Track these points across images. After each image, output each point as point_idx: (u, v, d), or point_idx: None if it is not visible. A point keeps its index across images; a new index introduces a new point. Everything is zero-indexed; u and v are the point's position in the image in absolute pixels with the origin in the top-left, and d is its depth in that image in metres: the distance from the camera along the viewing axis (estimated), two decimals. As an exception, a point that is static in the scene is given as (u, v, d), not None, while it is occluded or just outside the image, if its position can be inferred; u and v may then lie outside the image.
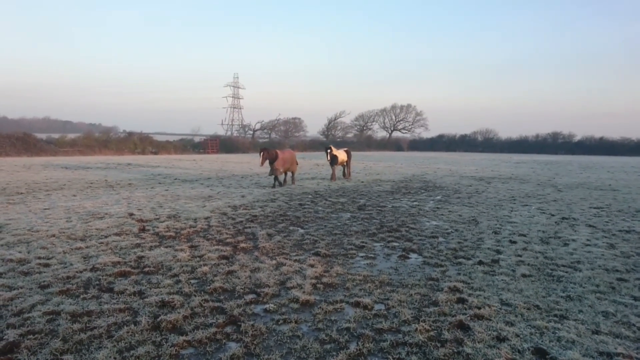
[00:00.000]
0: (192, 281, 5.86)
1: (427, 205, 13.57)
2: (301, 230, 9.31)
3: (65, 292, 5.26)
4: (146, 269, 6.27)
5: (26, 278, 5.76)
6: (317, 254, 7.42)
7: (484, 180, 22.60)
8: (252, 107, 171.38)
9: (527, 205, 13.91)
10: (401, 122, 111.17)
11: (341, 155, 21.29)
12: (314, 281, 5.94)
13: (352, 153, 23.87)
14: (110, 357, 3.75)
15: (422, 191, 17.48)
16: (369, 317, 4.80)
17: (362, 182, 20.77)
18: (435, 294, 5.57)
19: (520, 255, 7.55)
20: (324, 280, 6.01)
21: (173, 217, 10.39)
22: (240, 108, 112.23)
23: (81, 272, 6.07)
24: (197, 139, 72.19)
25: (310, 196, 15.00)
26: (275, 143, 79.53)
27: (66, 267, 6.31)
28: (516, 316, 4.88)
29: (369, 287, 5.81)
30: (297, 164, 19.03)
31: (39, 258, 6.69)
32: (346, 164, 21.99)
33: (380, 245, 8.19)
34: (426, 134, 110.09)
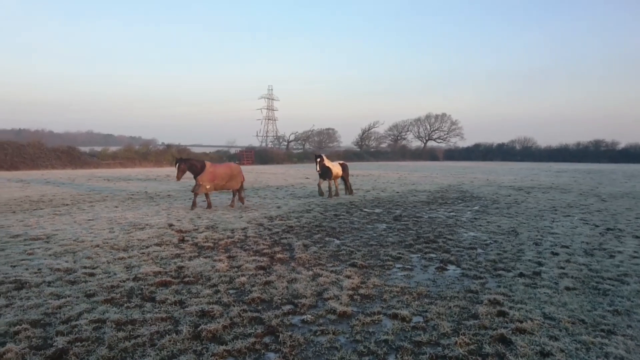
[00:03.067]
0: (231, 291, 5.94)
1: (465, 215, 13.34)
2: (337, 241, 9.32)
3: (109, 301, 5.43)
4: (186, 279, 6.40)
5: (73, 287, 5.98)
6: (353, 265, 7.40)
7: (523, 190, 22.05)
8: (286, 119, 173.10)
9: (569, 215, 13.48)
10: (436, 131, 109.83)
11: (335, 168, 18.53)
12: (350, 292, 5.93)
13: (383, 164, 23.56)
14: (153, 365, 3.85)
15: (459, 201, 17.20)
16: (407, 330, 4.75)
17: (398, 192, 20.61)
18: (475, 306, 5.46)
19: (563, 268, 7.32)
20: (361, 291, 5.99)
21: (211, 228, 10.58)
22: (274, 119, 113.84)
23: (124, 281, 6.26)
24: (232, 151, 73.37)
25: (345, 207, 14.99)
26: (309, 153, 79.95)
27: (110, 276, 6.51)
28: (560, 330, 4.73)
29: (407, 299, 5.75)
30: (242, 180, 15.41)
31: (85, 268, 6.93)
32: (344, 179, 19.48)
33: (417, 257, 8.11)
34: (462, 143, 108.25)
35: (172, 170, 40.19)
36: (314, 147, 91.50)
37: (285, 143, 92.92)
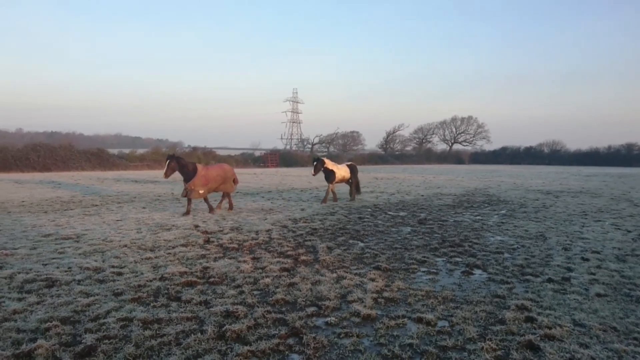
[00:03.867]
0: (255, 292, 5.97)
1: (491, 219, 13.13)
2: (361, 244, 9.28)
3: (136, 300, 5.52)
4: (211, 280, 6.46)
5: (101, 285, 6.10)
6: (377, 268, 7.36)
7: (551, 194, 21.58)
8: (310, 121, 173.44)
9: (599, 220, 13.13)
10: (462, 134, 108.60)
11: (341, 170, 17.23)
12: (375, 295, 5.89)
13: (408, 167, 23.10)
14: (178, 363, 3.89)
15: (486, 205, 16.94)
16: (432, 334, 4.69)
17: (422, 195, 20.42)
18: (502, 311, 5.36)
19: (593, 274, 7.13)
20: (385, 294, 5.95)
21: (236, 230, 10.67)
22: (299, 122, 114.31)
23: (151, 281, 6.36)
24: (257, 153, 73.94)
25: (369, 209, 14.93)
26: (334, 156, 79.94)
27: (137, 276, 6.62)
28: (591, 338, 4.60)
29: (432, 302, 5.68)
30: (235, 183, 14.67)
31: (113, 267, 7.07)
32: (351, 182, 17.99)
33: (443, 261, 8.01)
34: (488, 147, 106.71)
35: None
36: (338, 150, 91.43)
37: (310, 146, 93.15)
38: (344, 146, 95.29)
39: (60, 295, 5.64)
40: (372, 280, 6.62)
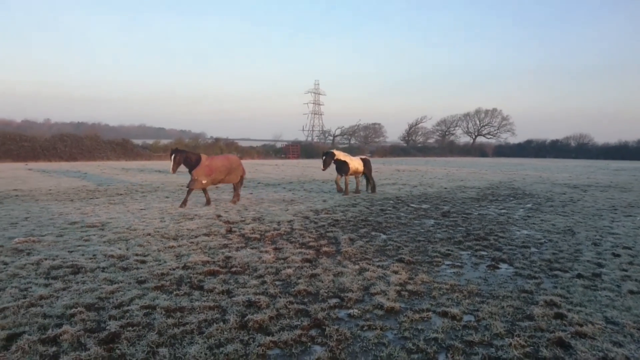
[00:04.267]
0: (277, 282, 5.94)
1: (517, 213, 12.86)
2: (383, 236, 9.18)
3: (160, 288, 5.54)
4: (233, 269, 6.46)
5: (125, 273, 6.15)
6: (400, 260, 7.25)
7: (579, 188, 21.06)
8: (332, 113, 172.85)
9: (630, 215, 12.73)
10: (486, 127, 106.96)
11: (354, 162, 16.76)
12: (398, 288, 5.79)
13: (431, 159, 22.75)
14: (201, 353, 3.87)
15: (511, 198, 16.62)
16: (457, 328, 4.58)
17: (445, 188, 20.15)
18: (530, 307, 5.20)
19: (625, 270, 6.89)
20: (409, 287, 5.85)
21: (258, 220, 10.67)
22: (320, 114, 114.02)
23: (174, 269, 6.38)
24: (278, 145, 74.16)
25: (391, 202, 14.79)
26: (355, 148, 79.65)
27: (160, 264, 6.66)
28: (625, 336, 4.43)
29: (457, 296, 5.56)
30: (242, 174, 14.21)
31: (136, 255, 7.12)
32: (366, 176, 17.68)
33: (467, 254, 7.85)
34: (513, 140, 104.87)
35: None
36: (359, 142, 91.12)
37: (331, 137, 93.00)
38: (366, 138, 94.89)
39: (85, 282, 5.70)
40: (395, 272, 6.52)
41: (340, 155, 16.36)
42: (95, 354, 3.78)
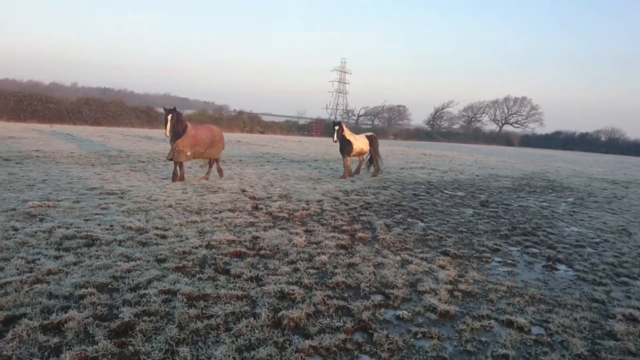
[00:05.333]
0: (311, 271, 5.28)
1: (560, 207, 11.96)
2: (421, 224, 8.44)
3: (181, 269, 4.93)
4: (262, 252, 5.81)
5: (144, 249, 5.55)
6: (445, 253, 6.52)
7: (619, 185, 19.89)
8: (357, 93, 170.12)
9: (685, 217, 11.72)
10: (514, 115, 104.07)
11: (358, 142, 14.67)
12: (449, 287, 5.08)
13: (456, 145, 21.38)
14: (229, 356, 3.24)
15: (549, 191, 15.65)
16: (528, 344, 3.87)
17: (477, 176, 19.21)
18: (608, 322, 4.46)
19: (703, 282, 6.05)
20: (461, 286, 5.13)
21: (285, 198, 10.02)
22: (345, 93, 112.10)
23: (197, 247, 5.77)
24: (302, 122, 73.26)
25: (423, 186, 13.99)
26: (378, 129, 78.40)
27: (182, 240, 6.05)
28: None
29: (518, 302, 4.84)
30: (222, 148, 12.59)
31: (157, 228, 6.53)
32: (371, 156, 15.68)
33: (518, 250, 7.08)
34: (540, 130, 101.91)
35: (243, 136, 40.47)
36: (383, 124, 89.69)
37: (355, 117, 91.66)
38: (389, 120, 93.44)
39: (99, 257, 5.12)
40: (442, 267, 5.80)
41: (347, 133, 14.36)
42: (103, 349, 3.17)
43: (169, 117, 10.48)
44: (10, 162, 12.61)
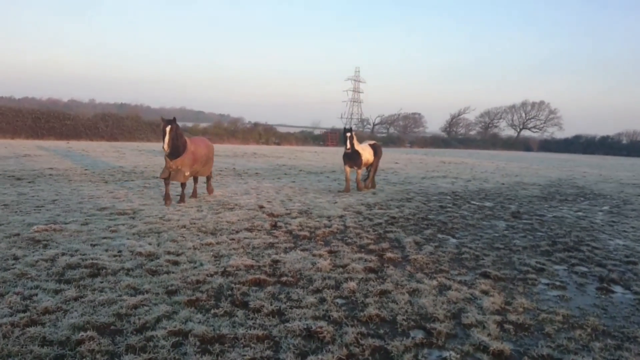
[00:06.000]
0: (339, 301, 4.70)
1: (597, 217, 11.19)
2: (453, 240, 7.81)
3: (194, 303, 4.39)
4: (283, 279, 5.25)
5: (153, 279, 5.02)
6: (485, 275, 5.88)
7: (653, 190, 18.93)
8: (371, 102, 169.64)
9: None
10: (532, 120, 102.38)
11: (365, 152, 13.38)
12: (497, 318, 4.45)
13: (474, 152, 20.56)
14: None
15: (581, 199, 14.84)
16: (606, 394, 3.23)
17: (503, 184, 18.44)
18: (693, 360, 3.78)
19: None
20: (511, 317, 4.50)
21: (305, 213, 9.47)
22: (360, 102, 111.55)
23: (212, 275, 5.23)
24: (317, 132, 72.85)
25: (449, 197, 13.32)
26: (394, 137, 77.71)
27: (196, 267, 5.52)
28: None
29: (579, 335, 4.18)
30: (212, 164, 11.45)
31: (169, 253, 6.02)
32: (371, 167, 14.11)
33: (564, 270, 6.40)
34: (560, 134, 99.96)
35: (258, 148, 40.11)
36: (398, 132, 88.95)
37: (370, 126, 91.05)
38: (405, 128, 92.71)
39: (103, 290, 4.61)
40: (486, 293, 5.17)
41: (356, 142, 13.08)
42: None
43: (168, 129, 9.27)
44: (22, 182, 12.30)
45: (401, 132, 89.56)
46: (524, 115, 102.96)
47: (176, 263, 5.63)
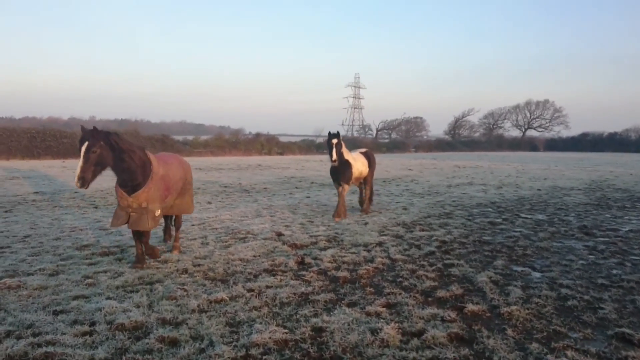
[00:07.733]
0: (440, 416, 2.87)
1: (678, 228, 9.34)
2: (537, 274, 5.97)
3: None
4: (338, 367, 3.42)
5: (138, 382, 3.20)
6: (624, 339, 4.04)
7: None
8: (372, 108, 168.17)
9: None
10: (537, 119, 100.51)
11: (358, 162, 10.45)
12: None
13: (481, 154, 18.79)
14: None
15: (637, 204, 12.99)
16: None
17: (539, 189, 16.58)
18: None
19: None
20: None
21: (334, 241, 7.65)
22: (360, 108, 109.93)
23: (228, 366, 3.41)
24: (318, 140, 71.14)
25: (490, 209, 11.49)
26: (398, 142, 75.95)
27: (203, 349, 3.69)
28: None
29: None
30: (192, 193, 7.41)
31: (163, 323, 4.19)
32: (366, 182, 11.05)
33: None
34: (566, 132, 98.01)
35: (262, 160, 38.25)
36: (401, 137, 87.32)
37: (371, 132, 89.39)
38: (407, 132, 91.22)
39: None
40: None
41: (345, 151, 10.04)
42: None
43: (85, 147, 5.26)
44: (-5, 212, 10.50)
45: (404, 136, 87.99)
46: (528, 114, 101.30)
47: (174, 343, 3.79)
